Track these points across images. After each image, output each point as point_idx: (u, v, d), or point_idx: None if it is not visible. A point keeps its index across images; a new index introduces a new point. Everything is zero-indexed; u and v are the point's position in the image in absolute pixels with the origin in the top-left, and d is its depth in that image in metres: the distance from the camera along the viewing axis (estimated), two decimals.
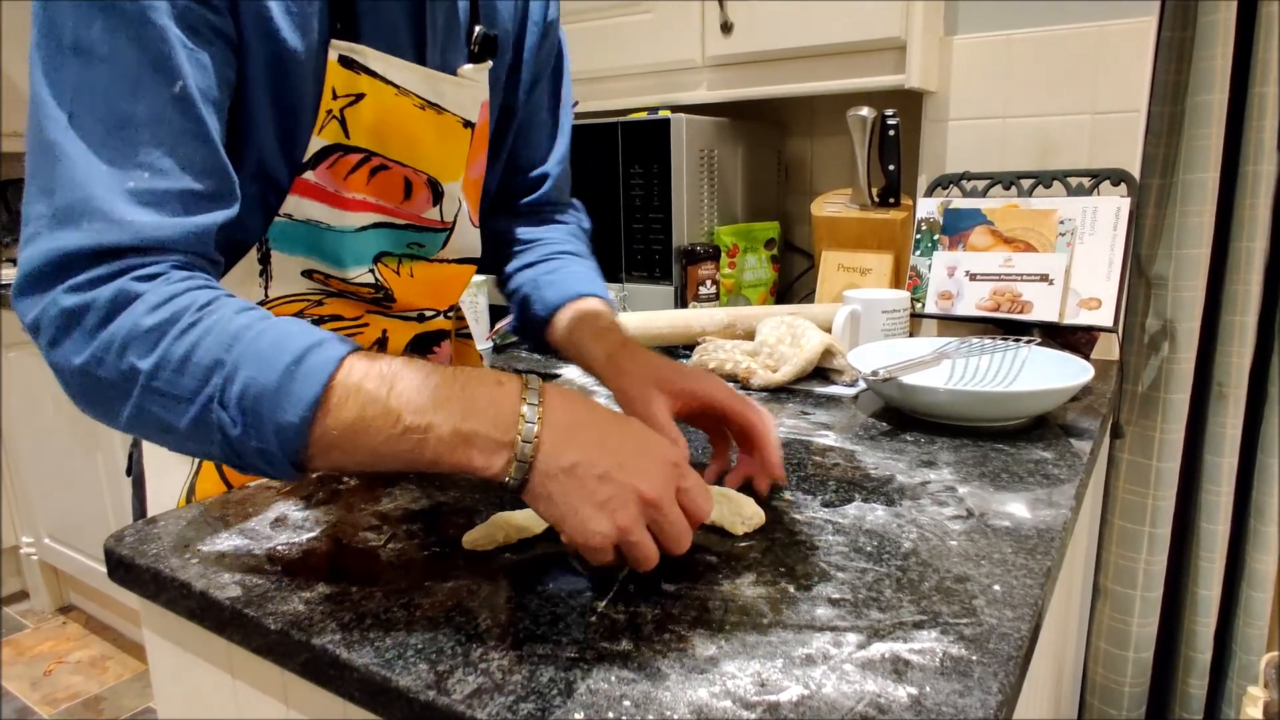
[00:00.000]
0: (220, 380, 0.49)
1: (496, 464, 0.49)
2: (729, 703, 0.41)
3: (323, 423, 0.48)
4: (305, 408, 0.48)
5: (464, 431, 0.49)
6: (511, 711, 0.41)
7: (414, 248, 0.78)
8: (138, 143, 0.52)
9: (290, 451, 0.49)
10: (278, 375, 0.48)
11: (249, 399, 0.48)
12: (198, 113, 0.55)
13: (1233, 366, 1.17)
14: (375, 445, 0.49)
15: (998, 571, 0.54)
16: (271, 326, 0.51)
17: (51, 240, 0.50)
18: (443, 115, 0.73)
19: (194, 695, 0.62)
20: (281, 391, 0.48)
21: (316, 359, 0.49)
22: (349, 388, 0.49)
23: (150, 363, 0.49)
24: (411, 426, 0.49)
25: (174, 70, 0.54)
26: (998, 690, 0.42)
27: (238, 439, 0.49)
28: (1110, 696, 1.34)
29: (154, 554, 0.59)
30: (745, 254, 1.48)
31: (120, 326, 0.50)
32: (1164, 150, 1.19)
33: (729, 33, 1.37)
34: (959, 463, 0.75)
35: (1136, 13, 1.18)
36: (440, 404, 0.50)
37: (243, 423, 0.48)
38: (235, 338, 0.50)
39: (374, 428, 0.49)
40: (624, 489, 0.49)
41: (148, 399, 0.50)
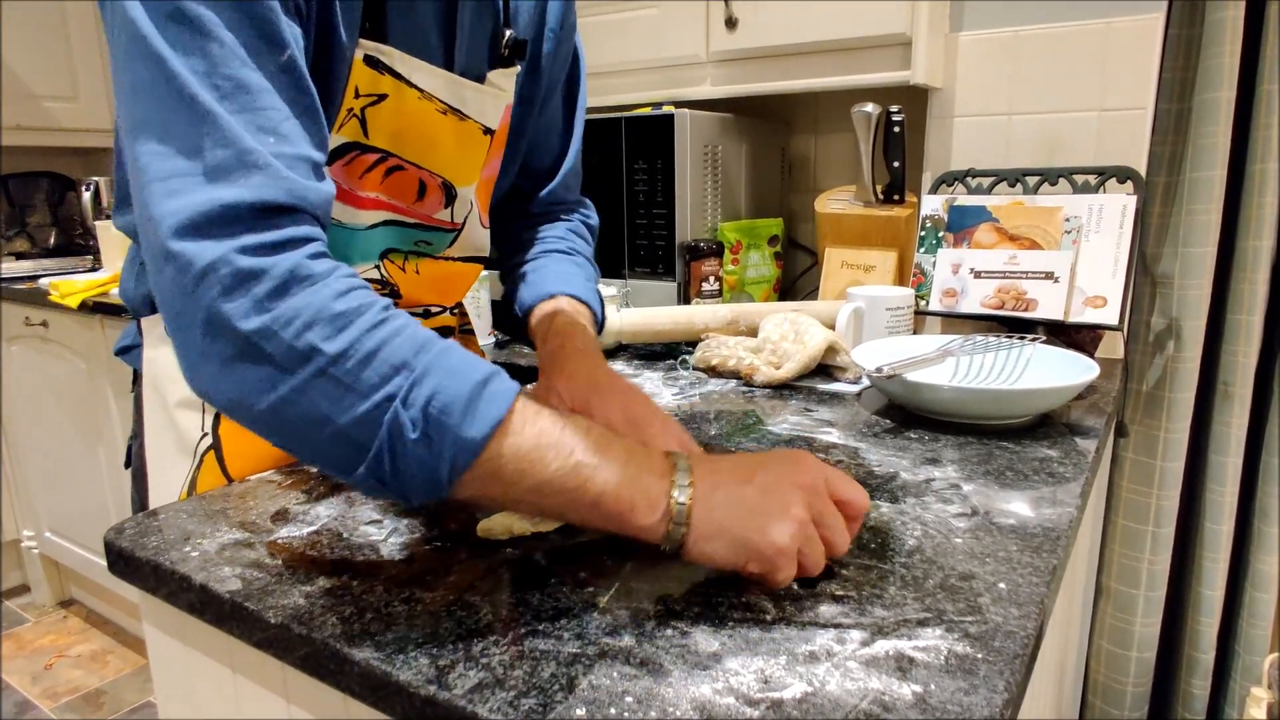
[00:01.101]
0: (407, 382, 0.47)
1: (658, 510, 0.50)
2: (732, 699, 0.41)
3: (499, 445, 0.47)
4: (490, 425, 0.47)
5: (629, 475, 0.50)
6: (513, 707, 0.41)
7: (421, 245, 0.78)
8: (259, 108, 0.50)
9: (457, 470, 0.47)
10: (469, 388, 0.47)
11: (436, 406, 0.47)
12: (304, 82, 0.54)
13: (1238, 366, 1.17)
14: (543, 478, 0.48)
15: (1003, 569, 0.54)
16: (455, 346, 0.50)
17: (208, 193, 0.47)
18: (464, 121, 0.73)
19: (194, 689, 0.62)
20: (471, 405, 0.47)
21: (501, 384, 0.49)
22: (528, 416, 0.49)
23: (337, 347, 0.46)
24: (583, 463, 0.49)
25: (280, 39, 0.52)
26: (1004, 689, 0.41)
27: (409, 445, 0.47)
28: (1112, 696, 1.34)
29: (154, 547, 0.58)
30: (749, 250, 1.48)
31: (304, 304, 0.47)
32: (1171, 148, 1.19)
33: (734, 28, 1.36)
34: (963, 460, 0.75)
35: (1144, 9, 1.18)
36: (608, 447, 0.50)
37: (424, 429, 0.47)
38: (423, 346, 0.48)
39: (547, 458, 0.48)
40: (780, 486, 0.51)
41: (316, 384, 0.46)
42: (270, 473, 0.74)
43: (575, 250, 0.93)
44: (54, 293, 1.92)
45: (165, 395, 0.77)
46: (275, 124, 0.51)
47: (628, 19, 1.47)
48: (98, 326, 1.90)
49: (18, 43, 2.25)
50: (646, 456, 0.51)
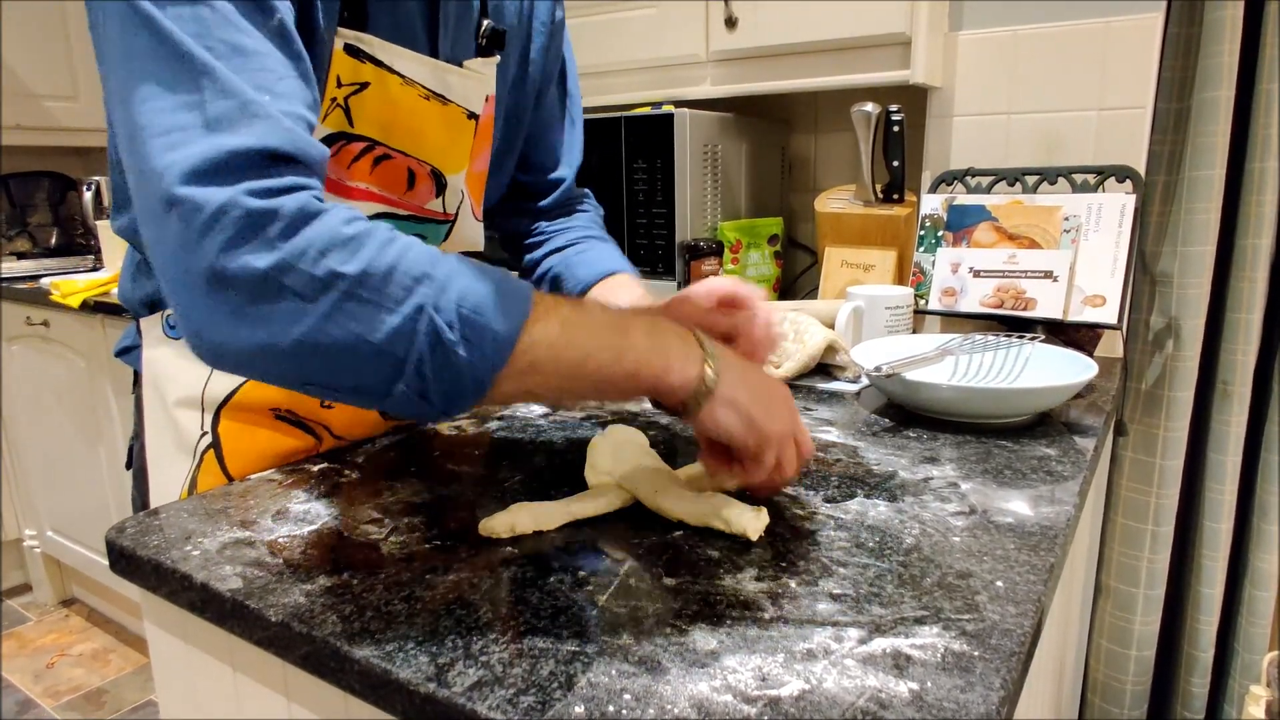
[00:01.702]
0: (433, 290, 0.48)
1: (691, 373, 0.55)
2: (729, 697, 0.41)
3: (531, 334, 0.50)
4: (520, 318, 0.49)
5: (659, 345, 0.55)
6: (512, 704, 0.41)
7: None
8: (254, 69, 0.51)
9: (498, 366, 0.49)
10: (493, 286, 0.49)
11: (468, 307, 0.48)
12: (295, 47, 0.54)
13: (1237, 364, 1.17)
14: (578, 359, 0.52)
15: (1000, 568, 0.54)
16: (460, 256, 0.52)
17: (212, 141, 0.47)
18: (448, 106, 0.73)
19: (195, 688, 0.62)
20: (497, 301, 0.49)
21: (516, 282, 0.51)
22: (549, 306, 0.52)
23: (356, 267, 0.47)
24: (609, 342, 0.53)
25: (270, 5, 0.53)
26: (1000, 686, 0.41)
27: (450, 348, 0.47)
28: (1112, 694, 1.34)
29: (155, 546, 0.59)
30: (748, 250, 1.48)
31: (316, 233, 0.47)
32: (1170, 147, 1.19)
33: (733, 28, 1.36)
34: (962, 459, 0.75)
35: (1143, 9, 1.18)
36: (631, 322, 0.55)
37: (461, 331, 0.47)
38: (437, 257, 0.50)
39: (577, 341, 0.51)
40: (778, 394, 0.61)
41: (343, 308, 0.46)
42: (271, 472, 0.74)
43: (607, 237, 0.97)
44: (55, 292, 1.92)
45: (165, 395, 0.77)
46: (271, 83, 0.51)
47: (627, 18, 1.48)
48: (99, 326, 1.90)
49: (18, 42, 2.25)
50: (669, 329, 0.57)
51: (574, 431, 0.84)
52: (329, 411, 0.80)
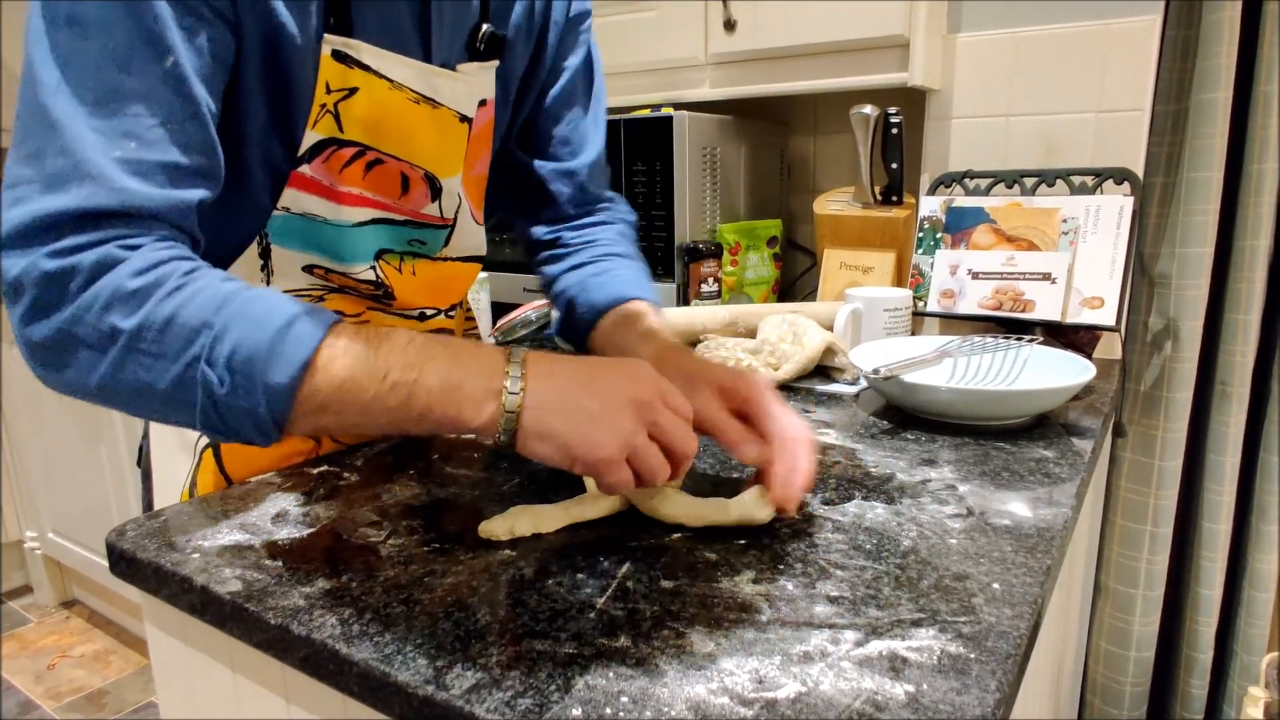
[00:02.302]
0: (208, 340, 0.49)
1: (486, 412, 0.52)
2: (726, 699, 0.41)
3: (312, 382, 0.50)
4: (296, 368, 0.49)
5: (452, 382, 0.52)
6: (510, 707, 0.41)
7: (415, 245, 0.78)
8: (126, 114, 0.52)
9: (277, 412, 0.50)
10: (269, 336, 0.49)
11: (239, 359, 0.49)
12: (189, 90, 0.55)
13: (1236, 365, 1.17)
14: (365, 403, 0.51)
15: (997, 570, 0.54)
16: (260, 294, 0.52)
17: (39, 203, 0.50)
18: (438, 109, 0.73)
19: (195, 689, 0.62)
20: (273, 352, 0.49)
21: (307, 324, 0.51)
22: (338, 348, 0.51)
23: (134, 323, 0.49)
24: (400, 381, 0.51)
25: (167, 46, 0.54)
26: (995, 688, 0.42)
27: (224, 398, 0.50)
28: (1111, 696, 1.34)
29: (155, 548, 0.59)
30: (747, 252, 1.48)
31: (104, 287, 0.50)
32: (1168, 149, 1.19)
33: (732, 30, 1.36)
34: (960, 461, 0.75)
35: (1141, 11, 1.18)
36: (428, 359, 0.52)
37: (231, 382, 0.49)
38: (224, 301, 0.51)
39: (362, 385, 0.51)
40: (614, 397, 0.53)
41: (128, 359, 0.50)
42: (270, 474, 0.74)
43: (631, 255, 0.93)
44: None
45: None
46: (141, 129, 0.53)
47: (626, 21, 1.48)
48: None
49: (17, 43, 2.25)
50: (474, 359, 0.53)
51: None
52: None
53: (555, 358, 0.56)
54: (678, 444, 0.55)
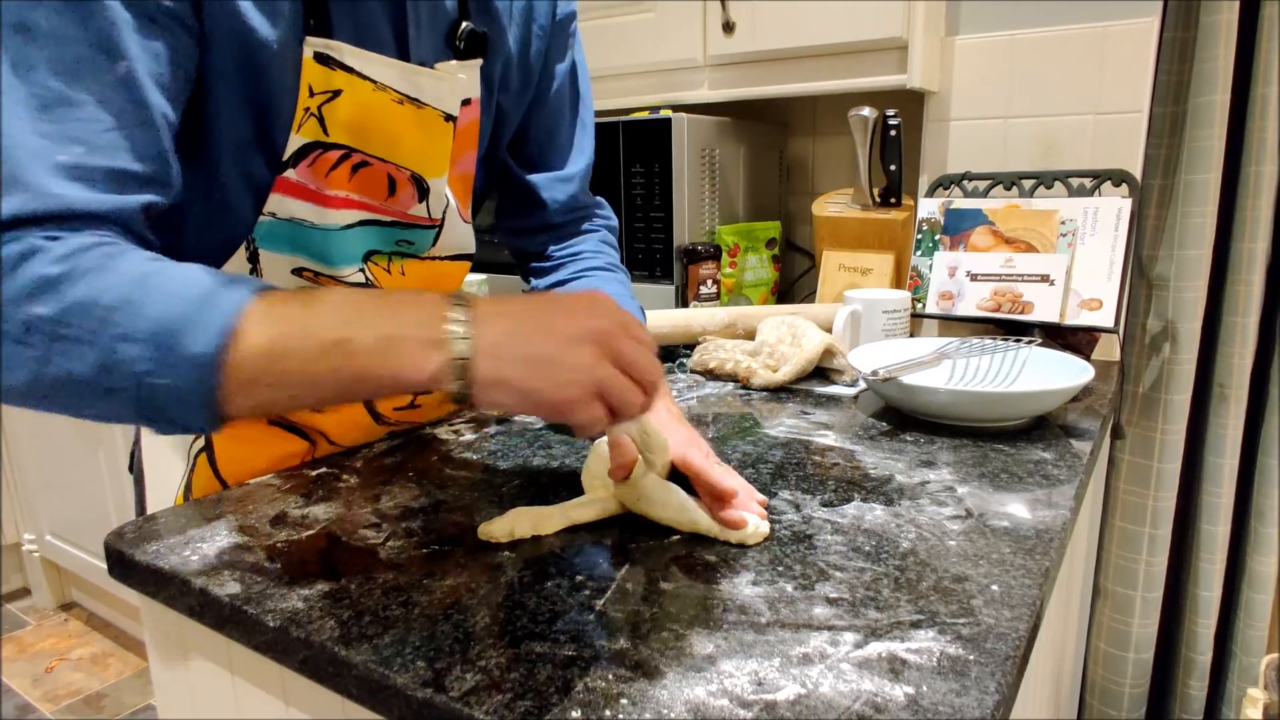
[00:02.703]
0: (129, 316, 0.47)
1: (431, 365, 0.47)
2: (726, 701, 0.41)
3: (238, 350, 0.46)
4: (215, 335, 0.46)
5: (390, 335, 0.48)
6: (509, 709, 0.41)
7: (403, 245, 0.77)
8: (75, 119, 0.52)
9: (206, 389, 0.47)
10: (186, 306, 0.47)
11: (160, 330, 0.46)
12: (141, 95, 0.55)
13: (1234, 368, 1.17)
14: (299, 369, 0.47)
15: (996, 572, 0.54)
16: (185, 267, 0.50)
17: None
18: (423, 109, 0.72)
19: (194, 692, 0.62)
20: (192, 320, 0.46)
21: (231, 291, 0.48)
22: (262, 312, 0.48)
23: (55, 308, 0.47)
24: (333, 341, 0.47)
25: (119, 51, 0.53)
26: (995, 690, 0.42)
27: (148, 378, 0.47)
28: (1110, 698, 1.34)
29: (153, 551, 0.59)
30: (746, 253, 1.48)
31: (23, 277, 0.48)
32: (1166, 151, 1.19)
33: (731, 32, 1.37)
34: (958, 463, 0.75)
35: (1138, 13, 1.18)
36: (360, 314, 0.49)
37: (153, 357, 0.46)
38: (145, 276, 0.49)
39: (293, 350, 0.47)
40: (572, 332, 0.49)
41: (53, 350, 0.47)
42: (268, 476, 0.74)
43: (613, 265, 0.93)
44: None
45: None
46: (90, 135, 0.52)
47: (625, 23, 1.48)
48: None
49: None
50: (414, 308, 0.49)
51: (572, 436, 0.84)
52: (323, 417, 0.80)
53: (503, 297, 0.52)
54: (644, 372, 0.51)
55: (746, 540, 0.59)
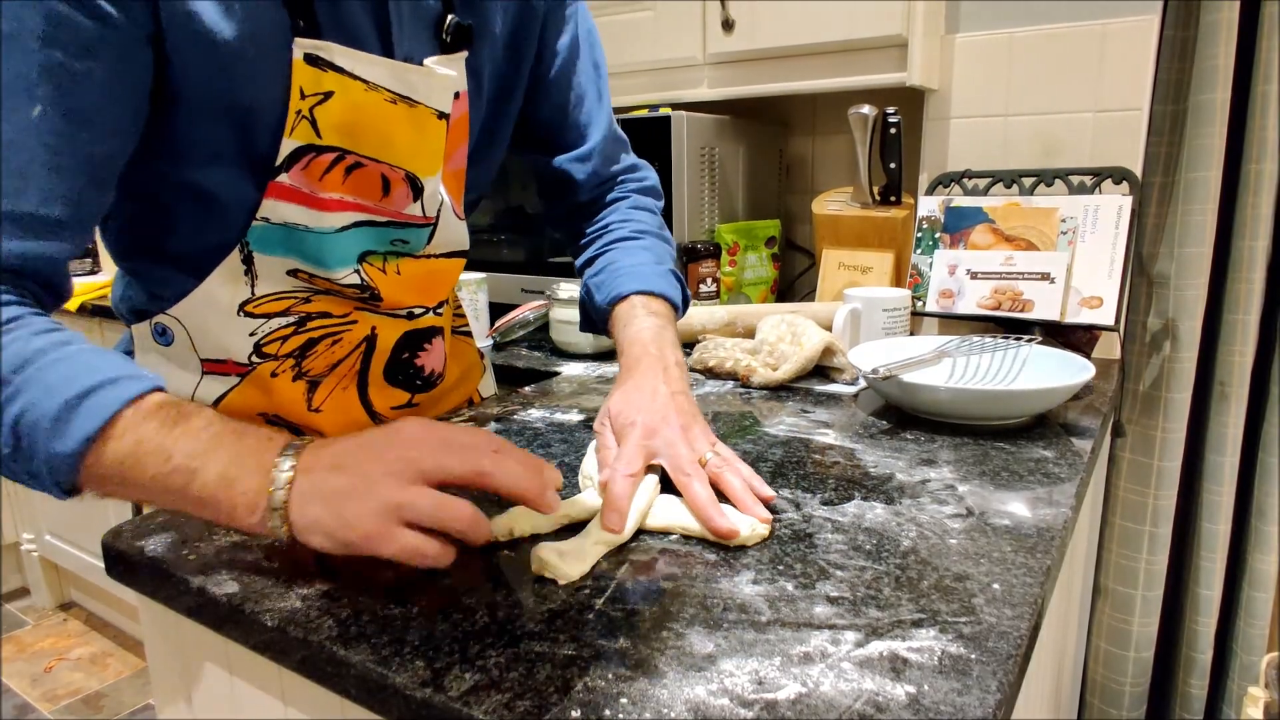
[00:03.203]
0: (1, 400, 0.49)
1: (258, 511, 0.50)
2: (726, 700, 0.41)
3: (97, 454, 0.49)
4: (79, 440, 0.49)
5: (229, 476, 0.51)
6: (508, 709, 0.41)
7: (398, 245, 0.77)
8: None
9: (61, 480, 0.50)
10: (58, 406, 0.49)
11: (24, 425, 0.49)
12: (53, 140, 0.55)
13: (1234, 366, 1.17)
14: (143, 481, 0.50)
15: (997, 570, 0.54)
16: (69, 356, 0.52)
17: None
18: (415, 108, 0.71)
19: (193, 691, 0.62)
20: (60, 422, 0.49)
21: (104, 396, 0.50)
22: (128, 425, 0.50)
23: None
24: (181, 467, 0.50)
25: (34, 92, 0.53)
26: (996, 689, 0.41)
27: (7, 459, 0.50)
28: (1110, 696, 1.34)
29: (152, 550, 0.59)
30: (746, 252, 1.48)
31: None
32: (1166, 149, 1.19)
33: (730, 30, 1.36)
34: (959, 461, 0.75)
35: (1139, 11, 1.18)
36: (212, 449, 0.51)
37: (13, 446, 0.49)
38: (27, 361, 0.51)
39: (145, 464, 0.50)
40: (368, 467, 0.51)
41: None
42: None
43: (641, 232, 0.90)
44: None
45: None
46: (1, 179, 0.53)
47: (624, 21, 1.48)
48: (97, 329, 1.90)
49: None
50: (256, 454, 0.52)
51: (571, 435, 0.84)
52: (318, 416, 0.80)
53: (334, 442, 0.53)
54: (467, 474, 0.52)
55: (745, 542, 0.58)
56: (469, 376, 1.00)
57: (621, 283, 0.83)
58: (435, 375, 0.88)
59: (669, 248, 0.91)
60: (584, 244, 0.92)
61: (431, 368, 0.87)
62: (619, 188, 0.94)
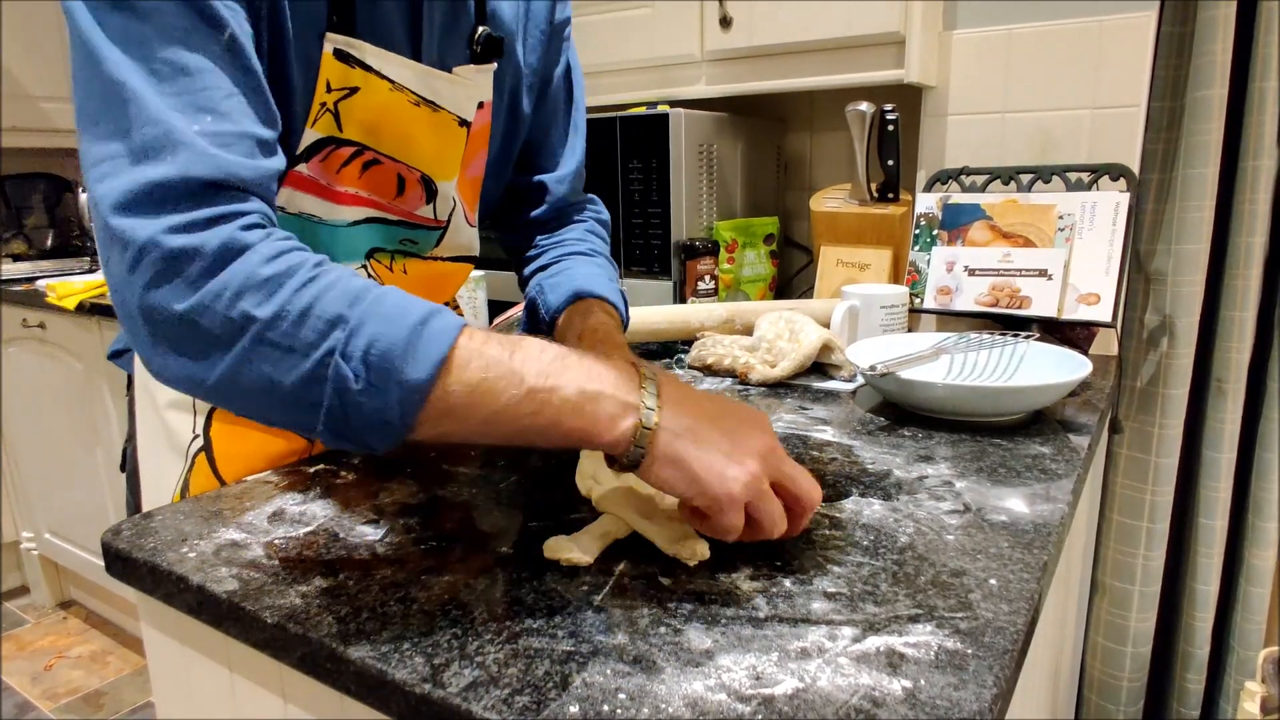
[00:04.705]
0: (344, 334, 0.47)
1: (620, 428, 0.50)
2: (724, 695, 0.41)
3: (445, 382, 0.48)
4: (433, 364, 0.47)
5: (590, 391, 0.50)
6: (507, 704, 0.41)
7: (406, 244, 0.78)
8: (197, 89, 0.51)
9: (409, 413, 0.48)
10: (406, 332, 0.48)
11: (375, 353, 0.47)
12: (247, 62, 0.55)
13: (1232, 362, 1.17)
14: (497, 408, 0.49)
15: (994, 566, 0.54)
16: (391, 291, 0.51)
17: (136, 173, 0.48)
18: (438, 113, 0.73)
19: (192, 689, 0.62)
20: (410, 347, 0.47)
21: (441, 322, 0.49)
22: (473, 350, 0.49)
23: (269, 311, 0.47)
24: (536, 388, 0.49)
25: (220, 20, 0.53)
26: (992, 683, 0.42)
27: (355, 395, 0.47)
28: (1108, 692, 1.34)
29: (151, 548, 0.59)
30: (744, 249, 1.48)
31: (234, 274, 0.48)
32: (1164, 145, 1.19)
33: (728, 27, 1.36)
34: (956, 458, 0.75)
35: (1136, 7, 1.18)
36: (564, 369, 0.51)
37: (366, 378, 0.47)
38: (358, 296, 0.49)
39: (497, 389, 0.49)
40: (745, 439, 0.53)
41: (257, 351, 0.47)
42: (266, 474, 0.74)
43: (595, 251, 0.93)
44: (51, 294, 1.92)
45: (156, 397, 0.77)
46: (215, 102, 0.52)
47: (622, 18, 1.48)
48: (95, 328, 1.90)
49: (15, 43, 2.25)
50: (611, 371, 0.52)
51: None
52: None
53: (685, 386, 0.56)
54: (804, 495, 0.54)
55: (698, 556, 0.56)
56: None
57: (580, 284, 0.85)
58: None
59: (616, 273, 0.94)
60: (537, 253, 0.93)
61: None
62: (580, 213, 0.97)
